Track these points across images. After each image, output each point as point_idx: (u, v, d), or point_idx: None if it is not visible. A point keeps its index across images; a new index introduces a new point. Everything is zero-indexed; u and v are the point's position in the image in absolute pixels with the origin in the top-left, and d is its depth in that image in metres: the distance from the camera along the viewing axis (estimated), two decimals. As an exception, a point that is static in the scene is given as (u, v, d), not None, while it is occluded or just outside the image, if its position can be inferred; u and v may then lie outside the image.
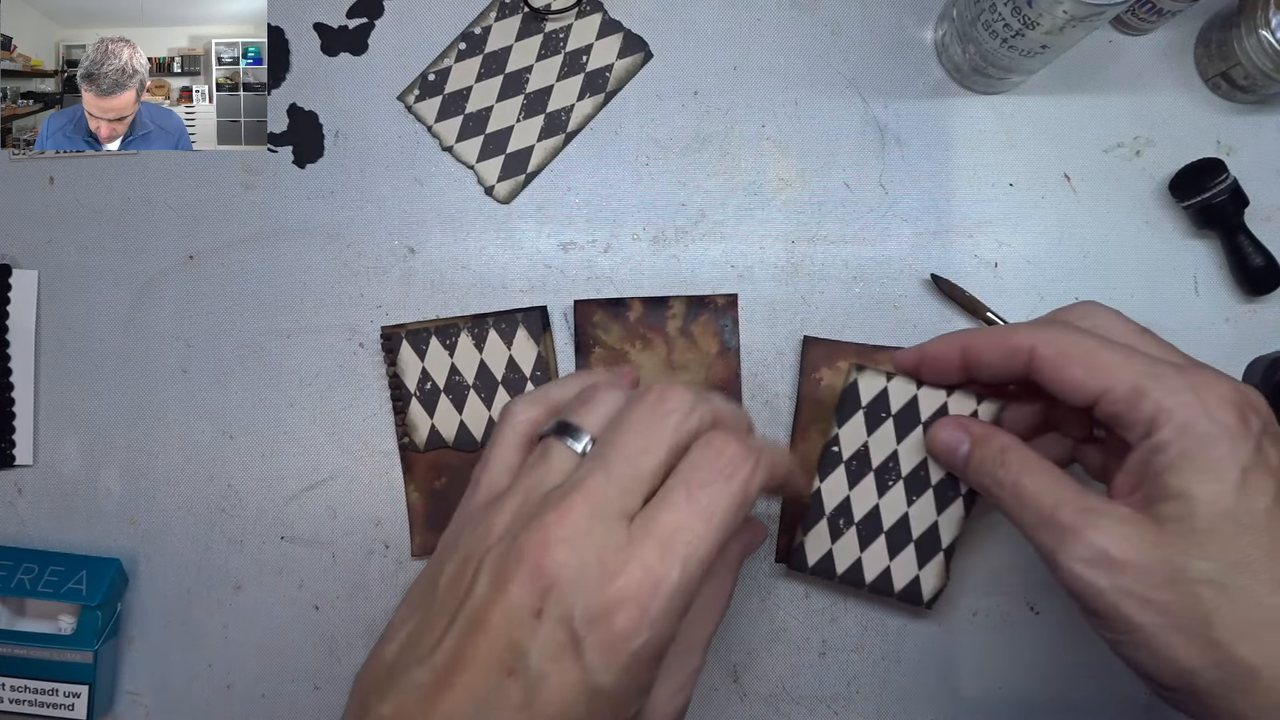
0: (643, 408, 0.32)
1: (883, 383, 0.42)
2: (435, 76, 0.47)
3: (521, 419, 0.35)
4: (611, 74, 0.47)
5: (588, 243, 0.47)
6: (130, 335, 0.46)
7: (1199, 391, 0.32)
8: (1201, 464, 0.31)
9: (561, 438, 0.33)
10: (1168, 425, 0.32)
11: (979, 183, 0.47)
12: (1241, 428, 0.31)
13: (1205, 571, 0.30)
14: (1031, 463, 0.35)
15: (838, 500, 0.43)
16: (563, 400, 0.36)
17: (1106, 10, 0.38)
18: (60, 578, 0.43)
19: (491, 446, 0.36)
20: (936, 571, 0.42)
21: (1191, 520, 0.31)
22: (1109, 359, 0.33)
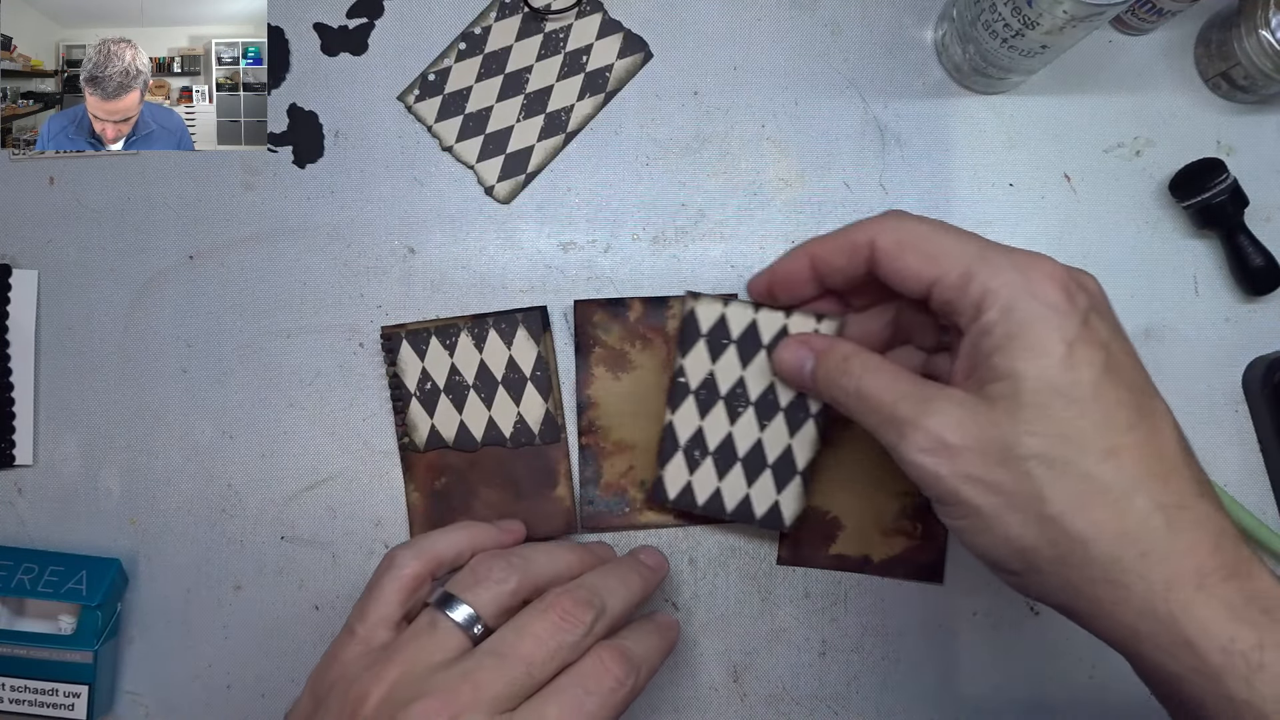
0: (547, 623, 0.34)
1: (720, 309, 0.42)
2: (435, 76, 0.47)
3: (405, 571, 0.37)
4: (611, 74, 0.47)
5: (588, 243, 0.47)
6: (130, 335, 0.46)
7: (1023, 271, 0.32)
8: (1026, 341, 0.31)
9: (448, 612, 0.35)
10: (994, 307, 0.32)
11: (979, 183, 0.47)
12: (1066, 303, 0.31)
13: (1034, 448, 0.31)
14: (873, 364, 0.36)
15: (690, 431, 0.43)
16: (448, 556, 0.38)
17: (1106, 10, 0.38)
18: (60, 578, 0.43)
19: (370, 594, 0.37)
20: (795, 495, 0.42)
21: (1019, 398, 0.31)
22: (941, 244, 0.34)
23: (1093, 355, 0.31)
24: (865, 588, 0.46)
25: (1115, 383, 0.31)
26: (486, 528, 0.40)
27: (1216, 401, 0.46)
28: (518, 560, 0.37)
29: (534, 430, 0.45)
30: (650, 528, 0.46)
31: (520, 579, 0.36)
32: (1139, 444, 0.31)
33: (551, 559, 0.38)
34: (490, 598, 0.35)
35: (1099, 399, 0.31)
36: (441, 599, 0.36)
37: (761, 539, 0.46)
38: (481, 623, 0.35)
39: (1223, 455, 0.46)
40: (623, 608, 0.37)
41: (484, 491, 0.45)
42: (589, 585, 0.36)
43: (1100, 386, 0.31)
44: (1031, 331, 0.31)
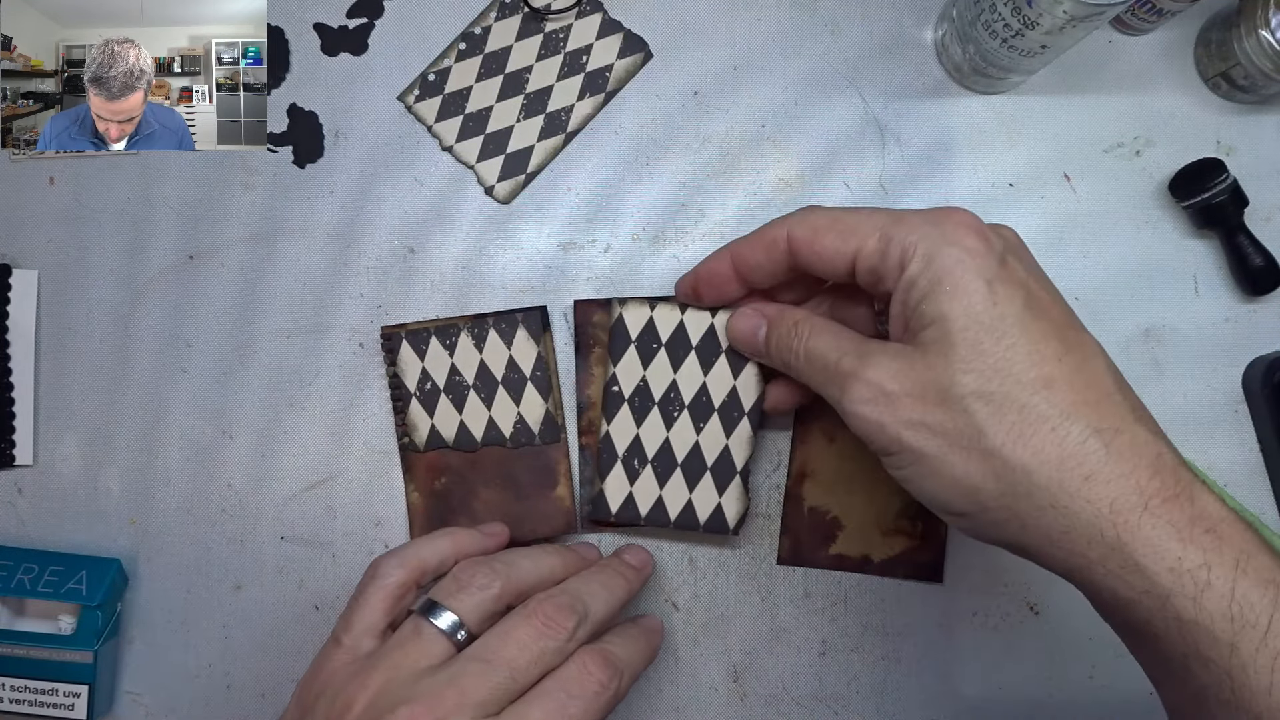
0: (530, 628, 0.35)
1: (647, 313, 0.42)
2: (435, 76, 0.47)
3: (390, 580, 0.37)
4: (611, 74, 0.47)
5: (588, 243, 0.47)
6: (130, 335, 0.46)
7: (938, 224, 0.33)
8: (949, 285, 0.32)
9: (432, 619, 0.35)
10: (914, 259, 0.33)
11: (979, 183, 0.47)
12: (983, 246, 0.32)
13: (969, 385, 0.31)
14: (819, 326, 0.37)
15: (628, 440, 0.43)
16: (432, 564, 0.38)
17: (1106, 10, 0.38)
18: (60, 578, 0.43)
19: (355, 603, 0.37)
20: (737, 495, 0.43)
21: (949, 339, 0.32)
22: (855, 219, 0.35)
23: (1013, 292, 0.32)
24: (865, 588, 0.46)
25: (1038, 315, 0.32)
26: (470, 534, 0.41)
27: (1216, 401, 0.46)
28: (500, 566, 0.37)
29: (534, 430, 0.45)
30: (650, 528, 0.46)
31: (503, 585, 0.36)
32: (1070, 373, 0.31)
33: (535, 563, 0.38)
34: (474, 604, 0.36)
35: (1025, 331, 0.32)
36: (425, 606, 0.36)
37: (761, 539, 0.46)
38: (465, 629, 0.35)
39: (1223, 455, 0.46)
40: (606, 611, 0.37)
41: (484, 491, 0.45)
42: (571, 591, 0.37)
43: (1024, 319, 0.32)
44: (952, 275, 0.32)
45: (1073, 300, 0.46)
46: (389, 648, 0.35)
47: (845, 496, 0.45)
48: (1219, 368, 0.46)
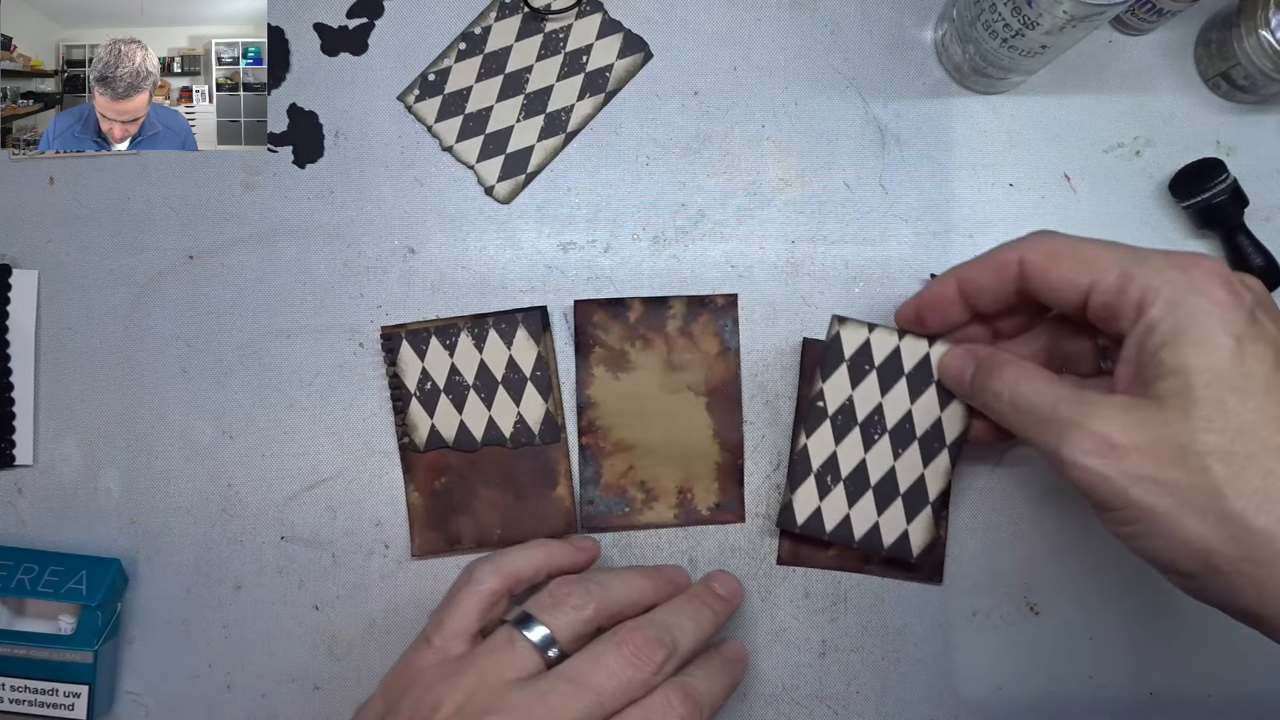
0: (620, 657, 0.35)
1: (865, 335, 0.42)
2: (435, 76, 0.47)
3: (484, 587, 0.38)
4: (611, 74, 0.47)
5: (588, 243, 0.47)
6: (130, 335, 0.46)
7: (1185, 269, 0.32)
8: (1195, 336, 0.31)
9: (525, 631, 0.36)
10: (1157, 303, 0.32)
11: (979, 183, 0.47)
12: (1232, 299, 0.31)
13: (1211, 444, 0.30)
14: (1029, 371, 0.36)
15: (824, 456, 0.43)
16: (525, 574, 0.39)
17: (1106, 10, 0.38)
18: (60, 578, 0.43)
19: (449, 606, 0.38)
20: (925, 525, 0.43)
21: (1191, 394, 0.30)
22: (1094, 251, 0.34)
23: (1263, 350, 0.30)
24: (865, 588, 0.46)
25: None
26: (563, 546, 0.41)
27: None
28: (595, 588, 0.37)
29: (534, 430, 0.45)
30: (650, 528, 0.46)
31: (597, 607, 0.37)
32: None
33: (628, 587, 0.39)
34: (567, 623, 0.36)
35: (1273, 393, 0.30)
36: (520, 618, 0.36)
37: (761, 539, 0.46)
38: (557, 646, 0.36)
39: (1223, 455, 0.46)
40: (693, 645, 0.38)
41: (484, 491, 0.45)
42: (661, 623, 0.37)
43: (1273, 381, 0.30)
44: (1199, 326, 0.31)
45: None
46: (481, 653, 0.36)
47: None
48: (1219, 368, 0.46)
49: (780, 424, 0.46)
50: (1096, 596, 0.45)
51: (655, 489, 0.45)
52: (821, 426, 0.43)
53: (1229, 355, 0.30)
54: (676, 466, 0.45)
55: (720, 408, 0.46)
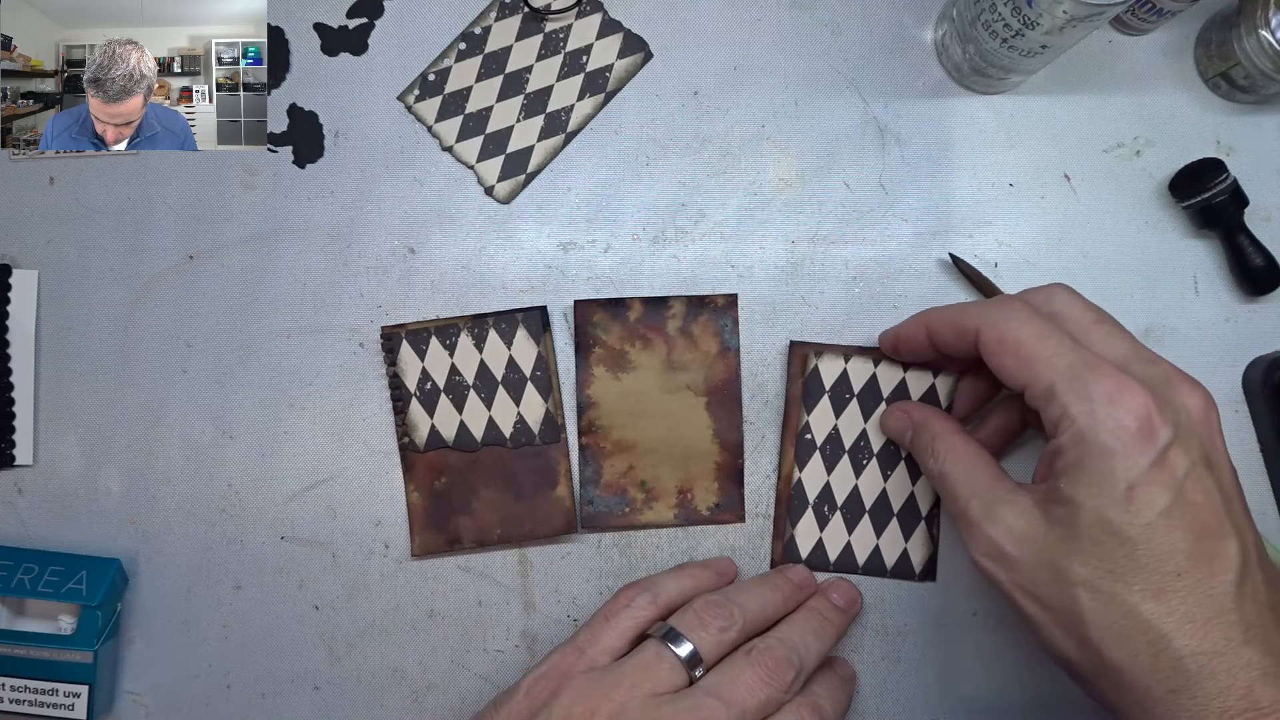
0: (756, 675, 0.37)
1: (842, 364, 0.43)
2: (435, 76, 0.47)
3: (643, 615, 0.40)
4: (611, 74, 0.47)
5: (588, 243, 0.47)
6: (130, 335, 0.46)
7: (1107, 402, 0.32)
8: (1090, 476, 0.32)
9: (672, 647, 0.37)
10: (1067, 432, 0.33)
11: (979, 183, 0.47)
12: (1139, 442, 0.32)
13: (1082, 576, 0.32)
14: (957, 452, 0.38)
15: (819, 487, 0.44)
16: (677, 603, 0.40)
17: (1106, 10, 0.38)
18: (60, 578, 0.43)
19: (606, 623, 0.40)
20: (922, 540, 0.44)
21: (1075, 528, 0.32)
22: (1037, 352, 0.34)
23: (1155, 496, 0.32)
24: (865, 588, 0.46)
25: (1177, 523, 0.31)
26: (707, 572, 0.43)
27: (1217, 401, 0.46)
28: (737, 611, 0.39)
29: (534, 430, 0.45)
30: (650, 528, 0.46)
31: (740, 630, 0.39)
32: (1189, 587, 0.31)
33: (761, 603, 0.40)
34: (713, 643, 0.38)
35: (1152, 543, 0.31)
36: (670, 634, 0.38)
37: (761, 539, 0.46)
38: (702, 664, 0.37)
39: (1223, 455, 0.46)
40: (817, 661, 0.39)
41: (484, 491, 0.45)
42: (790, 644, 0.38)
43: (1157, 528, 0.31)
44: (1096, 467, 0.32)
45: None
46: (631, 665, 0.37)
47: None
48: (1219, 368, 0.47)
49: (780, 424, 0.46)
50: (1096, 596, 0.46)
51: (655, 489, 0.45)
52: (812, 458, 0.44)
53: (1115, 502, 0.32)
54: (676, 466, 0.45)
55: (720, 408, 0.46)
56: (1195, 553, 0.31)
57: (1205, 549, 0.32)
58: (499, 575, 0.46)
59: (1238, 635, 0.31)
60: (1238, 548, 0.32)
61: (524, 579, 0.46)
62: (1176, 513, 0.32)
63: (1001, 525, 0.34)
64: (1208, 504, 0.32)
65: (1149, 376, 0.33)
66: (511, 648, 0.46)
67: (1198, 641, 0.31)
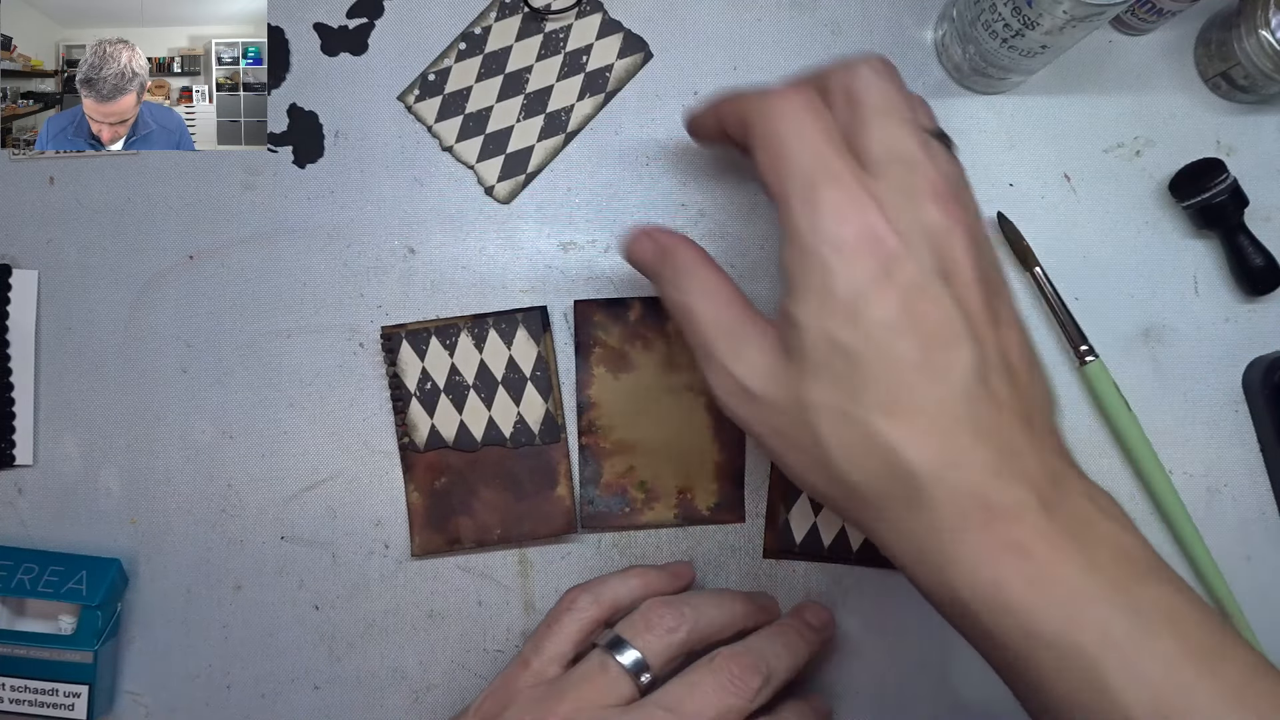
0: (717, 684, 0.35)
1: None
2: (435, 76, 0.47)
3: (586, 615, 0.39)
4: (611, 74, 0.47)
5: (588, 243, 0.47)
6: (130, 335, 0.46)
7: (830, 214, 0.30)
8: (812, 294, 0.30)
9: (618, 655, 0.36)
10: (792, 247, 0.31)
11: (979, 183, 0.47)
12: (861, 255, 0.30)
13: (816, 400, 0.31)
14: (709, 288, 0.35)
15: None
16: (624, 602, 0.39)
17: (1106, 10, 0.38)
18: (60, 578, 0.43)
19: (548, 630, 0.38)
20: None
21: (804, 350, 0.31)
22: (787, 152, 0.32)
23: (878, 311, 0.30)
24: (865, 588, 0.46)
25: (901, 338, 0.30)
26: (660, 575, 0.42)
27: (1216, 401, 0.46)
28: (689, 611, 0.38)
29: (534, 430, 0.45)
30: (650, 527, 0.46)
31: (690, 630, 0.37)
32: (918, 402, 0.30)
33: (720, 610, 0.39)
34: (660, 646, 0.36)
35: (878, 357, 0.30)
36: (612, 641, 0.37)
37: (761, 539, 0.46)
38: (649, 671, 0.36)
39: (1223, 455, 0.46)
40: (787, 674, 0.38)
41: (484, 491, 0.45)
42: (758, 651, 0.37)
43: (881, 345, 0.30)
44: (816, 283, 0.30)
45: (1073, 300, 0.46)
46: (576, 678, 0.36)
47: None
48: (1219, 368, 0.47)
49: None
50: (1096, 596, 0.45)
51: (655, 489, 0.45)
52: None
53: (840, 317, 0.30)
54: (676, 466, 0.45)
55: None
56: (924, 364, 0.30)
57: (934, 360, 0.30)
58: (499, 575, 0.46)
59: (968, 441, 0.30)
60: (971, 355, 0.30)
61: (524, 579, 0.46)
62: (902, 325, 0.30)
63: (744, 363, 0.33)
64: (939, 315, 0.30)
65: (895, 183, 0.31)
66: (511, 648, 0.46)
67: (930, 452, 0.30)
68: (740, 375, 0.33)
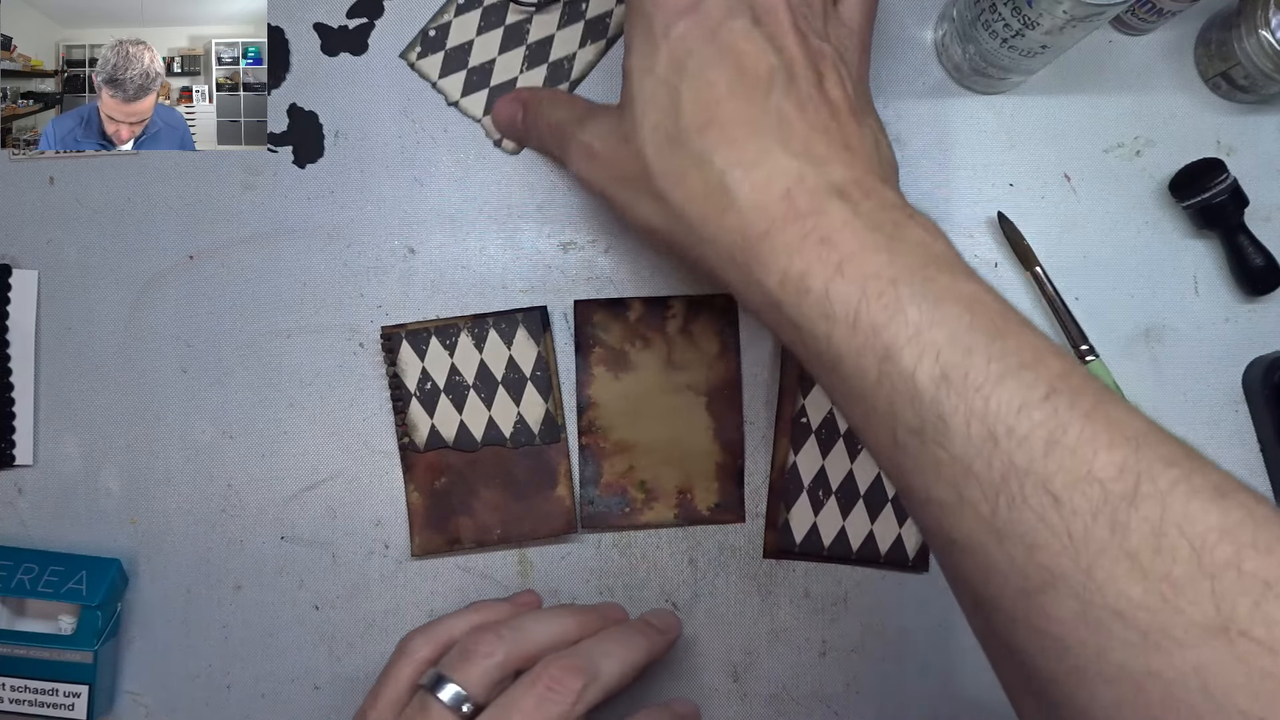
0: (534, 695, 0.35)
1: None
2: (436, 32, 0.47)
3: (418, 655, 0.38)
4: (612, 20, 0.47)
5: (588, 243, 0.47)
6: (130, 335, 0.46)
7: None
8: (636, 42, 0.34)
9: (437, 693, 0.35)
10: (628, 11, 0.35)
11: (979, 183, 0.47)
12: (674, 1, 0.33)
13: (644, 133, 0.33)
14: (558, 100, 0.42)
15: (814, 471, 0.44)
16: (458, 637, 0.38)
17: (1106, 10, 0.38)
18: (60, 578, 0.43)
19: (383, 679, 0.38)
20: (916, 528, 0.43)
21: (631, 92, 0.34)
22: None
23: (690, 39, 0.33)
24: (865, 588, 0.46)
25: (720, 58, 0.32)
26: (499, 605, 0.41)
27: (1216, 401, 0.46)
28: (507, 631, 0.37)
29: (534, 430, 0.45)
30: (650, 527, 0.46)
31: (508, 650, 0.36)
32: (731, 112, 0.32)
33: (545, 626, 0.38)
34: (479, 674, 0.36)
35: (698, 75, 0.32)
36: (432, 680, 0.36)
37: (761, 539, 0.46)
38: (470, 701, 0.35)
39: (1223, 455, 0.46)
40: (619, 671, 0.37)
41: (484, 491, 0.45)
42: (582, 651, 0.37)
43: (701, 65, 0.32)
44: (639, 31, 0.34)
45: (1073, 300, 0.46)
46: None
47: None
48: (1219, 368, 0.47)
49: (765, 417, 0.46)
50: (1096, 596, 0.45)
51: (655, 489, 0.45)
52: (807, 442, 0.44)
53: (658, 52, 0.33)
54: (676, 466, 0.45)
55: (720, 408, 0.46)
56: (734, 82, 0.32)
57: (744, 79, 0.32)
58: (499, 575, 0.46)
59: (775, 146, 0.31)
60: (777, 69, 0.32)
61: (524, 579, 0.46)
62: (711, 52, 0.32)
63: (590, 129, 0.36)
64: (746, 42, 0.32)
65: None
66: (511, 648, 0.46)
67: (737, 155, 0.31)
68: (588, 140, 0.36)
